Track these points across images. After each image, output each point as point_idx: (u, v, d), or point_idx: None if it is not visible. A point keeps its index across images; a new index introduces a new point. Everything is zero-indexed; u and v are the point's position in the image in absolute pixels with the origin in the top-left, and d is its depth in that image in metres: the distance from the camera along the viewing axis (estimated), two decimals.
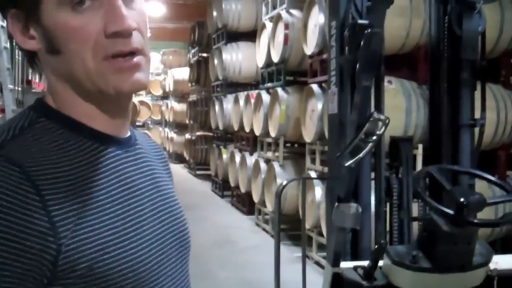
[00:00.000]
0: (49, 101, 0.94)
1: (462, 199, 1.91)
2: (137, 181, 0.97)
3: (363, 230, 2.63)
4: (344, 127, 2.59)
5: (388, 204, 2.81)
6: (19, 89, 6.71)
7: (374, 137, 2.02)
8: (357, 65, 2.06)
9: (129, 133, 1.01)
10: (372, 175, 2.81)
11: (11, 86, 5.58)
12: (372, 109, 2.66)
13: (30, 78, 7.43)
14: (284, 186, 3.00)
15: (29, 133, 0.87)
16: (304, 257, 2.93)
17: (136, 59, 0.89)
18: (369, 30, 1.98)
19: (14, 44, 6.13)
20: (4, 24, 5.03)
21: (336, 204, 2.11)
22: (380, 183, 2.76)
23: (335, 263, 2.20)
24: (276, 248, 2.88)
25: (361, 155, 2.04)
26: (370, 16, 2.42)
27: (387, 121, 2.03)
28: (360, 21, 2.25)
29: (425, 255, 2.07)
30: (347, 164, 2.03)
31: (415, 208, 2.83)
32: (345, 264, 2.23)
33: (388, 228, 2.80)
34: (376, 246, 2.18)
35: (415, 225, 2.86)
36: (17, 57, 6.57)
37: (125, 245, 0.88)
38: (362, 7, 2.61)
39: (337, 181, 2.37)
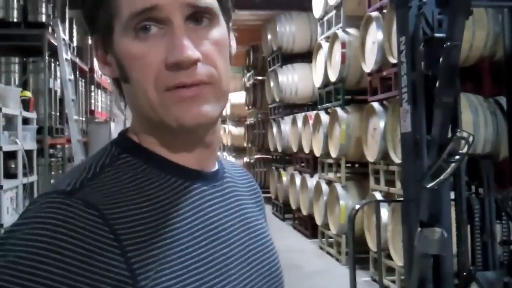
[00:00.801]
0: (131, 134, 0.89)
1: None
2: (224, 220, 0.89)
3: (446, 255, 2.48)
4: (419, 146, 2.47)
5: (469, 227, 2.65)
6: (83, 119, 6.84)
7: (457, 157, 1.90)
8: (437, 80, 1.94)
9: (216, 167, 0.93)
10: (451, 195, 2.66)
11: (76, 117, 5.68)
12: None
13: (93, 108, 7.58)
14: (357, 211, 2.88)
15: (110, 171, 0.82)
16: (382, 284, 2.79)
17: (199, 89, 0.80)
18: (448, 44, 1.86)
19: (77, 75, 6.27)
20: (68, 57, 5.13)
21: (419, 229, 1.99)
22: (461, 204, 2.61)
23: None
24: (351, 277, 2.76)
25: (444, 176, 1.92)
26: (443, 29, 2.30)
27: (471, 139, 1.91)
28: (437, 35, 2.13)
29: None
30: (429, 186, 1.91)
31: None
32: None
33: (470, 252, 2.63)
34: (463, 273, 2.04)
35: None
36: (80, 88, 6.71)
37: None
38: (433, 21, 2.49)
39: (415, 204, 2.24)
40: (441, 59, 1.85)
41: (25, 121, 6.31)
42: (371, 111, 6.30)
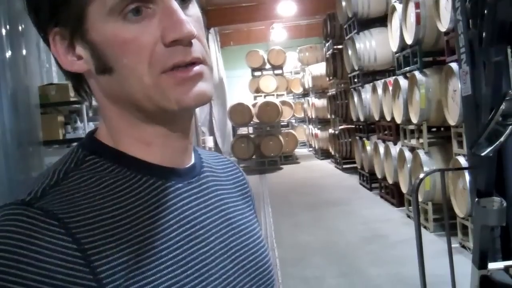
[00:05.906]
0: (100, 134, 0.84)
1: None
2: (202, 217, 0.84)
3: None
4: (480, 109, 2.31)
5: None
6: None
7: None
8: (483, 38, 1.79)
9: (192, 161, 0.89)
10: None
11: None
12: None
13: None
14: (420, 181, 2.75)
15: (75, 175, 0.77)
16: (450, 250, 2.67)
17: (198, 68, 0.77)
18: None
19: None
20: None
21: (476, 199, 1.86)
22: None
23: (482, 264, 1.94)
24: (418, 245, 2.65)
25: (500, 141, 1.78)
26: None
27: None
28: None
29: None
30: (484, 153, 1.78)
31: None
32: (494, 265, 1.97)
33: None
34: None
35: None
36: None
37: None
38: None
39: (478, 172, 2.11)
40: (485, 15, 1.70)
41: None
42: (449, 73, 6.01)
